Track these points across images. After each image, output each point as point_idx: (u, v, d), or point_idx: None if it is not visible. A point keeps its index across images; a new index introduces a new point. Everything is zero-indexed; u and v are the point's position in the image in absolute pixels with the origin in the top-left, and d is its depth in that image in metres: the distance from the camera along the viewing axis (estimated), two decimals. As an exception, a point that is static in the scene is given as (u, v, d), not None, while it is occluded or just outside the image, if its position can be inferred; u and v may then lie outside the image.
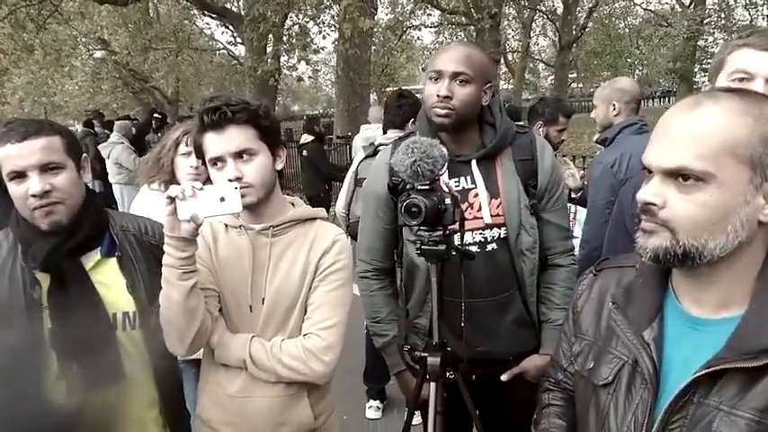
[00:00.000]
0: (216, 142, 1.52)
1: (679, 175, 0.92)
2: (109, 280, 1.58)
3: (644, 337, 1.03)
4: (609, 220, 2.60)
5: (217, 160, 1.54)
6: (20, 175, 1.46)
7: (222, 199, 1.41)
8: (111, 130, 8.43)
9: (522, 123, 3.73)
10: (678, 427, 0.96)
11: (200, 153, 1.59)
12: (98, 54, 18.99)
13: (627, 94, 2.90)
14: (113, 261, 1.60)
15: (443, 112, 1.77)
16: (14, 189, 1.48)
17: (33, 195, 1.45)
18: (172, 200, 1.40)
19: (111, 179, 7.74)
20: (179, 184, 1.80)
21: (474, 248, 1.82)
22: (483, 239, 1.84)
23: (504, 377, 1.90)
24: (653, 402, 1.00)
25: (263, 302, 1.60)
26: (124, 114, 14.15)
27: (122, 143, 7.68)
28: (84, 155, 1.62)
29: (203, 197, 1.40)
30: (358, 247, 2.04)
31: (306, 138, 7.31)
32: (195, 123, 1.58)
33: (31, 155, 1.45)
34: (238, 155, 1.52)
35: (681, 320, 1.02)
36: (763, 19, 19.77)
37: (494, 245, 1.84)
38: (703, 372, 0.93)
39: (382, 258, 1.98)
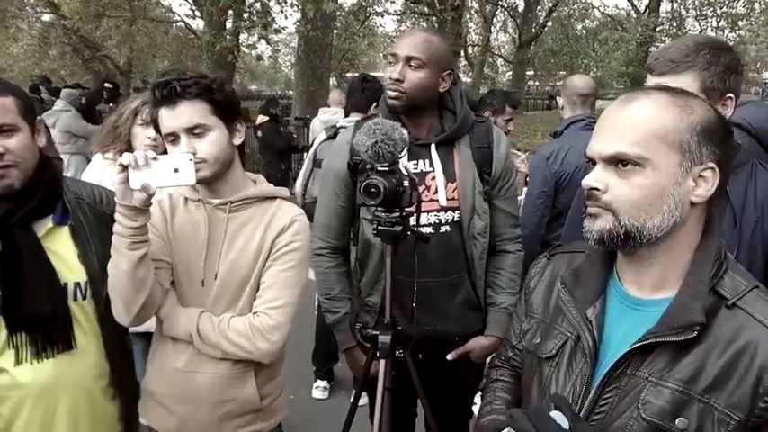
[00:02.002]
0: (168, 117, 1.51)
1: (618, 162, 1.02)
2: (60, 249, 1.55)
3: (587, 315, 1.11)
4: (542, 210, 2.76)
5: (170, 135, 1.53)
6: None
7: (176, 170, 1.40)
8: (59, 98, 8.10)
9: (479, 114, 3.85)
10: (611, 396, 1.04)
11: (157, 127, 1.57)
12: (46, 17, 18.14)
13: (568, 89, 3.02)
14: (66, 230, 1.57)
15: (394, 94, 1.83)
16: None
17: None
18: (124, 168, 1.38)
19: (57, 148, 7.45)
20: None
21: (428, 230, 1.88)
22: (437, 221, 1.90)
23: (449, 356, 1.97)
24: (590, 375, 1.08)
25: (215, 278, 1.59)
26: (74, 82, 13.60)
27: (69, 111, 7.39)
28: (39, 118, 1.58)
29: (157, 167, 1.39)
30: (314, 224, 2.05)
31: (261, 118, 7.32)
32: (149, 97, 1.56)
33: None
34: (191, 130, 1.51)
35: (621, 300, 1.11)
36: (712, 30, 20.56)
37: (447, 227, 1.91)
38: (637, 345, 1.02)
39: (337, 236, 2.01)
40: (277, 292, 1.59)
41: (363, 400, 2.03)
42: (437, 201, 1.88)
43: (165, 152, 1.54)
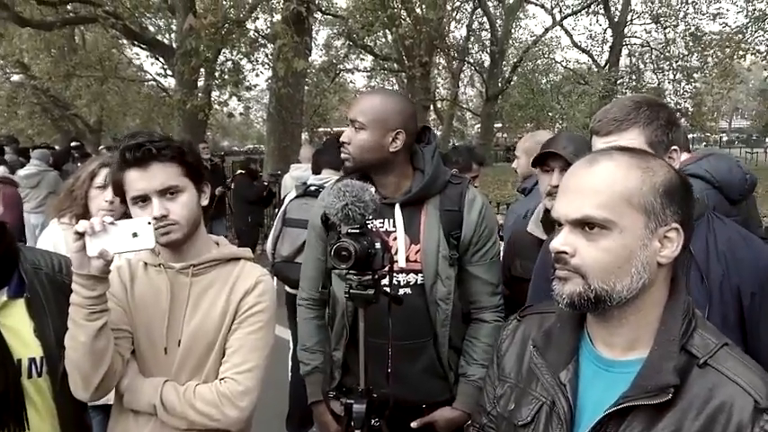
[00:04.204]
0: (139, 179, 1.49)
1: (585, 225, 1.02)
2: (15, 323, 1.47)
3: (560, 379, 1.09)
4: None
5: (140, 198, 1.50)
6: None
7: (135, 234, 1.37)
8: (26, 158, 7.95)
9: (456, 173, 3.87)
10: None
11: (119, 191, 1.54)
12: (16, 77, 18.11)
13: (535, 145, 3.04)
14: (21, 302, 1.49)
15: (343, 156, 1.88)
16: None
17: None
18: (80, 235, 1.34)
19: (32, 209, 7.23)
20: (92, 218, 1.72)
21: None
22: (396, 283, 1.85)
23: (413, 424, 1.90)
24: None
25: (179, 344, 1.55)
26: (42, 142, 13.45)
27: (52, 171, 7.27)
28: None
29: (114, 232, 1.36)
30: (301, 275, 2.09)
31: (238, 172, 7.56)
32: (115, 160, 1.53)
33: None
34: (163, 192, 1.49)
35: (594, 362, 1.10)
36: (670, 82, 21.45)
37: (407, 290, 1.86)
38: (612, 409, 1.00)
39: (317, 288, 2.01)
40: (244, 355, 1.54)
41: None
42: (397, 262, 1.83)
43: (123, 216, 1.51)
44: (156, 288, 1.57)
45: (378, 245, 1.57)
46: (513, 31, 24.60)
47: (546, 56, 24.22)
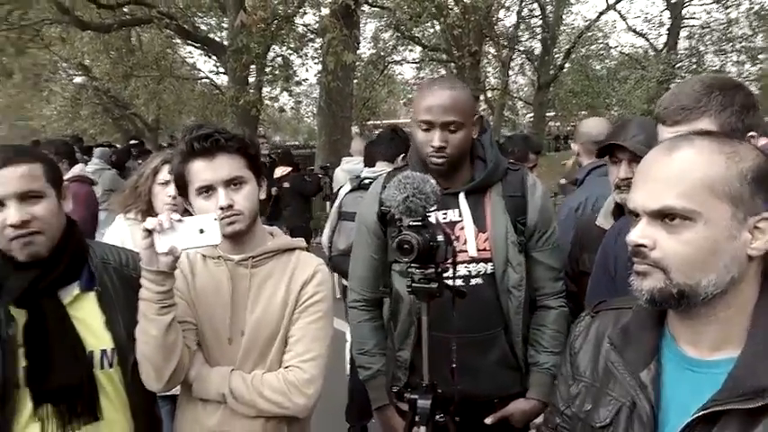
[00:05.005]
0: (205, 170, 1.52)
1: (665, 216, 0.95)
2: (87, 316, 1.51)
3: (641, 379, 1.03)
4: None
5: (206, 189, 1.53)
6: None
7: (201, 231, 1.40)
8: (91, 157, 8.27)
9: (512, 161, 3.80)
10: None
11: (181, 182, 1.57)
12: (78, 79, 18.87)
13: (583, 135, 2.94)
14: (92, 296, 1.53)
15: (440, 161, 1.78)
16: None
17: (11, 225, 1.39)
18: (149, 233, 1.38)
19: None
20: (156, 213, 1.76)
21: (458, 282, 1.78)
22: (467, 273, 1.82)
23: (488, 420, 1.86)
24: None
25: (242, 335, 1.58)
26: (105, 141, 13.98)
27: (110, 169, 7.56)
28: (66, 182, 1.57)
29: (182, 229, 1.39)
30: (350, 276, 2.04)
31: (283, 170, 7.46)
32: (179, 151, 1.56)
33: (10, 182, 1.39)
34: (229, 182, 1.52)
35: (678, 362, 1.03)
36: (733, 65, 20.49)
37: (479, 279, 1.83)
38: (700, 414, 0.93)
39: (371, 288, 1.97)
40: (307, 344, 1.57)
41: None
42: (466, 252, 1.80)
43: (185, 212, 1.56)
44: (217, 280, 1.60)
45: (440, 237, 1.54)
46: (564, 16, 23.92)
47: (600, 41, 23.43)
